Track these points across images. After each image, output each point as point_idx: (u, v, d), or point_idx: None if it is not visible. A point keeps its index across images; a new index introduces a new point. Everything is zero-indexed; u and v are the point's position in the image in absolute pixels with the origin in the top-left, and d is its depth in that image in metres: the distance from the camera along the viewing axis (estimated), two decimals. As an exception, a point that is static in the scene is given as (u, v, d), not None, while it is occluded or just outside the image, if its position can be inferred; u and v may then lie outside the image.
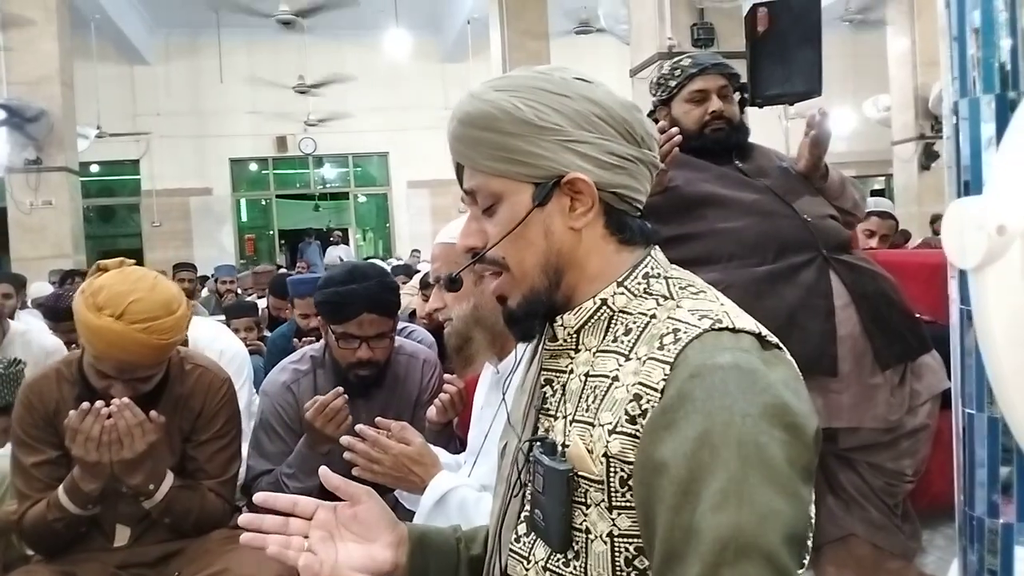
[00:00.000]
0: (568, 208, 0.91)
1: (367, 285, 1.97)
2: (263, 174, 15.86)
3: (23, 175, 8.28)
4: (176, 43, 14.49)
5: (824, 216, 2.17)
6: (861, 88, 13.15)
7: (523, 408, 0.99)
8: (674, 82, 2.29)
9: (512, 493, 0.97)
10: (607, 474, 0.83)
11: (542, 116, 0.89)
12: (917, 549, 2.24)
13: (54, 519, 1.74)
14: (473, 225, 0.96)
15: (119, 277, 1.70)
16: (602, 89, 0.93)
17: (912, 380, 2.07)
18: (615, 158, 0.90)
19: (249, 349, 3.50)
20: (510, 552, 0.94)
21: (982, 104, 1.44)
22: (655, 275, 0.92)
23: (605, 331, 0.91)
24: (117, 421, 1.66)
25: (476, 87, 0.95)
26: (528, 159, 0.89)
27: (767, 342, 0.85)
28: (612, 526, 0.83)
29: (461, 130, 0.93)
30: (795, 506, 0.75)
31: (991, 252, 0.57)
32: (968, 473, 1.64)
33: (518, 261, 0.92)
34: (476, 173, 0.94)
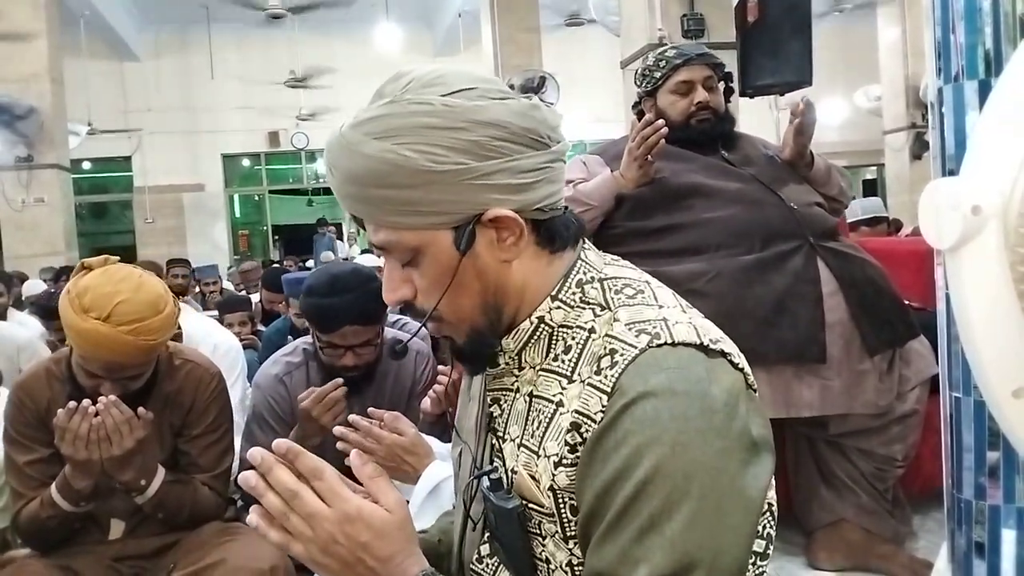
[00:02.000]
0: (496, 240, 0.84)
1: (349, 298, 1.93)
2: (256, 169, 15.83)
3: (14, 172, 8.24)
4: (166, 39, 14.42)
5: (810, 204, 2.18)
6: (852, 78, 13.16)
7: (473, 422, 0.98)
8: (659, 73, 2.30)
9: (466, 528, 0.96)
10: (556, 506, 0.82)
11: (438, 160, 0.78)
12: (907, 533, 2.27)
13: (48, 516, 1.75)
14: (396, 276, 0.88)
15: (103, 278, 1.68)
16: (491, 104, 0.81)
17: (901, 366, 2.08)
18: (529, 174, 0.82)
19: (243, 344, 3.51)
20: (472, 571, 0.94)
21: (966, 90, 1.45)
22: (588, 280, 0.87)
23: (547, 348, 0.87)
24: (104, 419, 1.65)
25: (347, 132, 0.82)
26: (437, 208, 0.81)
27: (710, 351, 0.80)
28: (570, 555, 0.83)
29: (348, 188, 0.83)
30: (725, 535, 0.73)
31: (966, 232, 0.58)
32: (956, 456, 1.65)
33: (454, 310, 0.86)
34: (382, 228, 0.84)
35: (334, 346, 2.01)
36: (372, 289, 1.97)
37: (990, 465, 1.55)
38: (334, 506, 0.79)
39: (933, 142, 1.53)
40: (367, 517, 0.79)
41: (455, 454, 1.05)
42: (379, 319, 2.04)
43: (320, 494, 0.80)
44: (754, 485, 0.76)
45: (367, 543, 0.79)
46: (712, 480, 0.73)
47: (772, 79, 5.30)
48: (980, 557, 1.59)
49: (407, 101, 0.80)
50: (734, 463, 0.75)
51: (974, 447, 1.65)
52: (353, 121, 0.83)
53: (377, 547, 0.79)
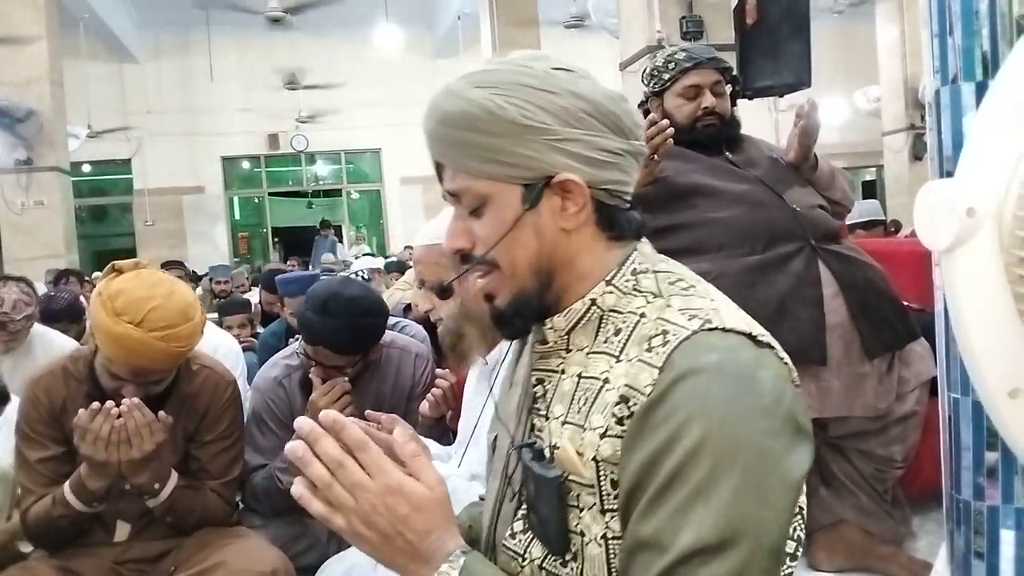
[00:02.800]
0: (559, 208, 0.88)
1: (331, 324, 1.94)
2: (255, 172, 15.81)
3: (14, 175, 8.24)
4: (166, 41, 14.41)
5: (813, 206, 2.18)
6: (851, 79, 13.17)
7: (514, 405, 0.99)
8: (668, 75, 2.29)
9: (507, 496, 0.96)
10: (598, 478, 0.83)
11: (527, 115, 0.85)
12: (907, 534, 2.27)
13: (59, 515, 1.75)
14: (459, 226, 0.93)
15: (137, 281, 1.69)
16: (587, 81, 0.89)
17: (900, 368, 2.09)
18: (604, 154, 0.88)
19: (242, 346, 3.51)
20: (504, 548, 0.94)
21: (963, 92, 1.45)
22: (643, 271, 0.90)
23: (596, 331, 0.89)
24: (127, 421, 1.66)
25: (453, 82, 0.90)
26: (515, 160, 0.86)
27: (759, 341, 0.83)
28: (606, 528, 0.83)
29: (441, 130, 0.89)
30: (766, 512, 0.74)
31: (961, 234, 0.58)
32: (954, 457, 1.65)
33: (509, 261, 0.89)
34: (459, 174, 0.90)
35: (308, 356, 2.04)
36: (360, 324, 1.98)
37: (988, 466, 1.55)
38: (377, 478, 0.80)
39: (931, 144, 1.53)
40: (408, 492, 0.80)
41: (490, 438, 1.07)
42: (356, 351, 2.03)
43: (364, 466, 0.80)
44: (797, 470, 0.78)
45: (406, 516, 0.80)
46: (758, 458, 0.75)
47: (771, 80, 5.30)
48: (979, 558, 1.59)
49: (514, 63, 0.89)
50: (780, 445, 0.76)
51: (972, 447, 1.65)
52: (462, 75, 0.90)
53: (416, 521, 0.80)
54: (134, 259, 1.79)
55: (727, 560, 0.71)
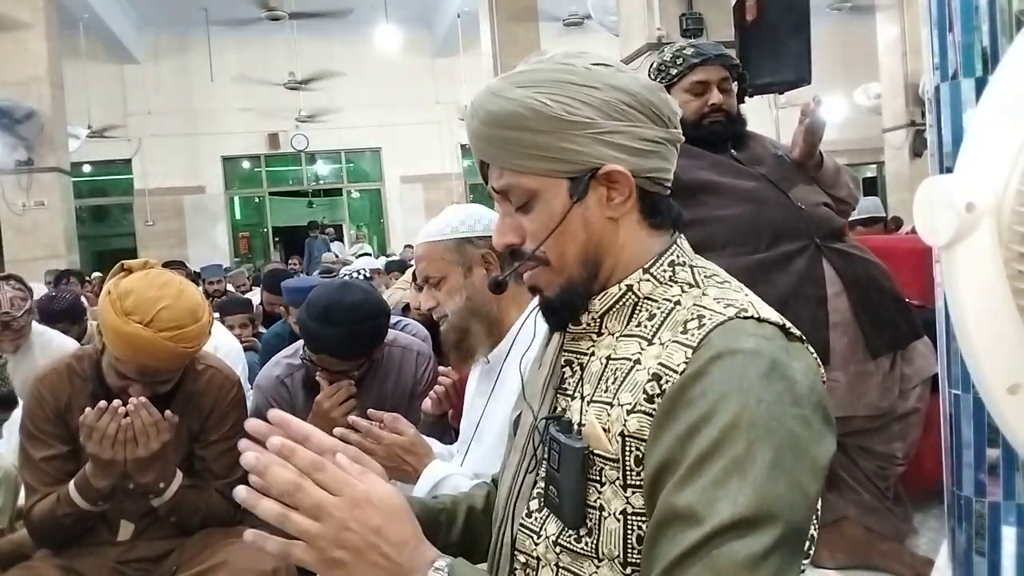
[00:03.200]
0: (605, 198, 0.91)
1: (333, 332, 1.93)
2: (256, 171, 15.83)
3: (14, 176, 8.26)
4: (165, 41, 14.43)
5: (818, 204, 2.18)
6: (851, 76, 13.17)
7: (540, 384, 1.01)
8: (675, 70, 2.28)
9: (527, 469, 0.97)
10: (623, 453, 0.84)
11: (571, 111, 0.88)
12: (909, 531, 2.27)
13: (63, 514, 1.75)
14: (508, 222, 0.95)
15: (146, 281, 1.69)
16: (626, 74, 0.92)
17: (902, 365, 2.09)
18: (647, 143, 0.90)
19: (244, 345, 3.52)
20: (520, 526, 0.95)
21: (963, 88, 1.45)
22: (680, 263, 0.93)
23: (629, 317, 0.91)
24: (133, 420, 1.66)
25: (495, 83, 0.93)
26: (561, 155, 0.89)
27: (791, 334, 0.86)
28: (626, 504, 0.84)
29: (486, 130, 0.92)
30: (797, 495, 0.75)
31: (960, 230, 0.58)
32: (955, 453, 1.65)
33: (559, 255, 0.92)
34: (506, 172, 0.93)
35: (313, 362, 2.04)
36: (363, 329, 1.97)
37: (990, 462, 1.55)
38: (342, 493, 0.77)
39: (931, 140, 1.54)
40: (377, 500, 0.78)
41: (513, 416, 1.08)
42: (360, 356, 2.03)
43: (324, 485, 0.77)
44: (825, 456, 0.79)
45: (380, 527, 0.77)
46: (790, 442, 0.76)
47: (771, 78, 5.30)
48: (980, 555, 1.59)
49: (553, 62, 0.92)
50: (810, 432, 0.78)
51: (974, 444, 1.65)
52: (503, 76, 0.93)
53: (391, 530, 0.77)
54: (143, 259, 1.79)
55: (762, 536, 0.72)
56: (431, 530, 1.02)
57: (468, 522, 1.12)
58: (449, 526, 1.11)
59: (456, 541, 1.10)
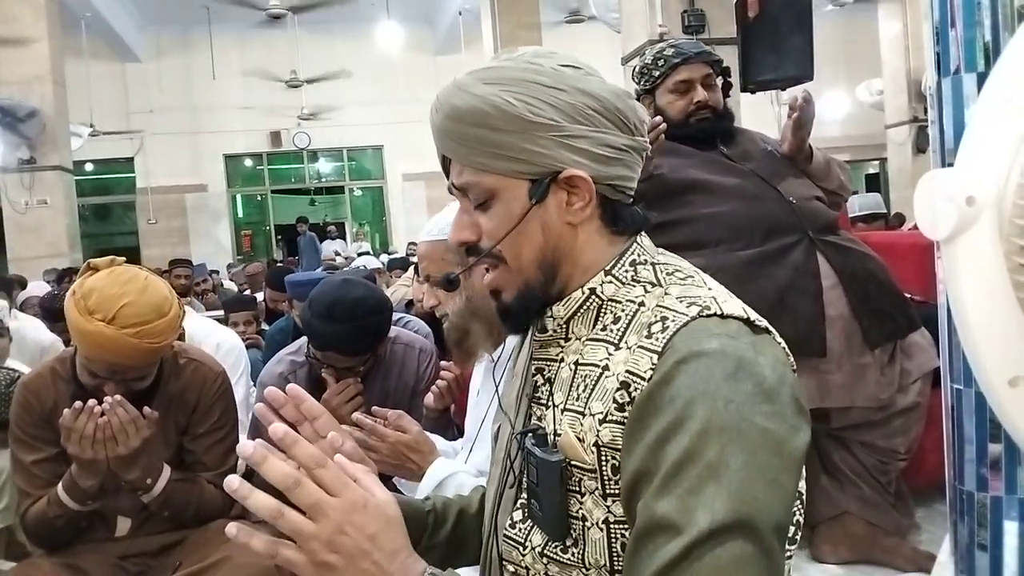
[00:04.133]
0: (565, 203, 0.89)
1: (339, 329, 1.95)
2: (258, 169, 15.83)
3: (17, 175, 8.27)
4: (167, 40, 14.43)
5: (810, 198, 2.18)
6: (854, 72, 13.15)
7: (515, 394, 1.00)
8: (658, 72, 2.29)
9: (506, 483, 0.97)
10: (599, 463, 0.84)
11: (536, 112, 0.86)
12: (911, 526, 2.27)
13: (55, 516, 1.75)
14: (465, 219, 0.94)
15: (110, 279, 1.68)
16: (595, 79, 0.90)
17: (902, 359, 2.09)
18: (610, 150, 0.89)
19: (248, 343, 3.52)
20: (505, 538, 0.95)
21: (965, 83, 1.45)
22: (642, 262, 0.92)
23: (595, 320, 0.90)
24: (110, 418, 1.66)
25: (461, 77, 0.91)
26: (523, 156, 0.87)
27: (756, 326, 0.84)
28: (607, 513, 0.84)
29: (449, 124, 0.90)
30: (775, 493, 0.75)
31: (961, 223, 0.58)
32: (957, 448, 1.66)
33: (515, 255, 0.91)
34: (467, 169, 0.91)
35: (318, 360, 2.05)
36: (366, 325, 1.98)
37: (992, 457, 1.55)
38: (341, 495, 0.75)
39: (932, 136, 1.53)
40: (374, 508, 0.76)
41: (494, 429, 1.08)
42: (366, 351, 2.04)
43: (323, 483, 0.75)
44: (800, 450, 0.79)
45: (376, 534, 0.75)
46: (763, 440, 0.75)
47: (773, 74, 5.29)
48: (982, 549, 1.59)
49: (522, 60, 0.90)
50: (784, 427, 0.77)
51: (976, 439, 1.65)
52: (470, 71, 0.91)
53: (385, 539, 0.76)
54: (110, 257, 1.77)
55: (743, 541, 0.72)
56: (415, 531, 1.02)
57: (458, 524, 1.12)
58: (437, 527, 1.11)
59: (444, 541, 1.10)
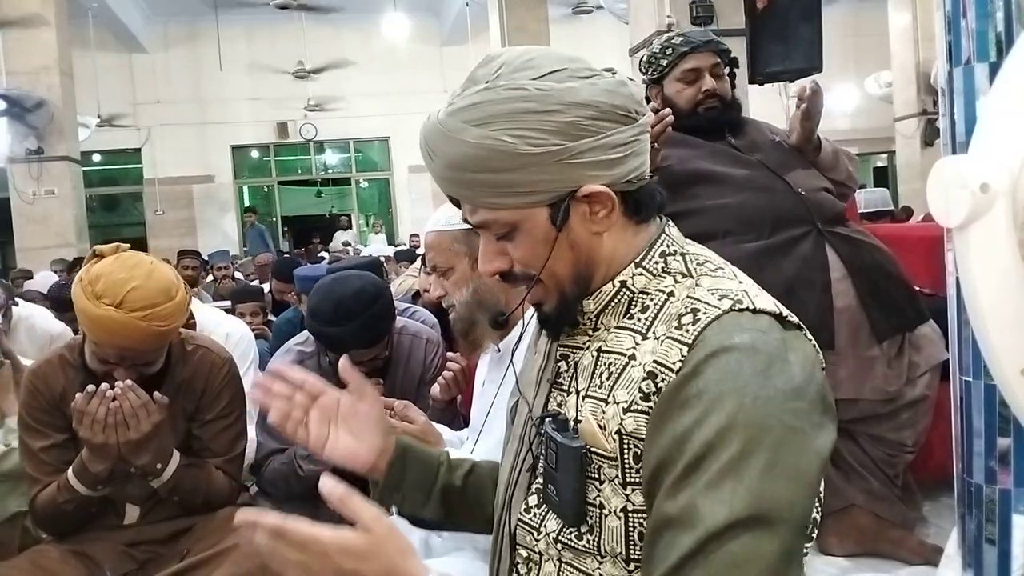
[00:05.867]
0: (588, 214, 0.88)
1: (351, 326, 1.95)
2: (265, 161, 15.84)
3: (25, 165, 8.29)
4: (174, 31, 14.42)
5: (818, 189, 2.17)
6: (862, 65, 13.08)
7: (535, 374, 1.00)
8: (665, 61, 2.28)
9: (522, 467, 0.97)
10: (621, 451, 0.84)
11: (536, 143, 0.82)
12: (918, 519, 2.27)
13: (64, 501, 1.77)
14: (492, 249, 0.92)
15: (116, 264, 1.69)
16: (580, 84, 0.84)
17: (911, 352, 2.08)
18: (620, 149, 0.86)
19: (255, 333, 3.52)
20: (520, 522, 0.95)
21: (976, 73, 1.44)
22: (671, 252, 0.91)
23: (625, 312, 0.90)
24: (122, 403, 1.67)
25: (445, 119, 0.86)
26: (534, 188, 0.85)
27: (788, 322, 0.84)
28: (626, 501, 0.84)
29: (449, 173, 0.88)
30: (797, 491, 0.75)
31: (974, 210, 0.58)
32: (966, 441, 1.65)
33: (550, 275, 0.90)
34: (480, 209, 0.89)
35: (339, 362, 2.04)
36: (375, 312, 1.99)
37: (1000, 450, 1.54)
38: (307, 550, 0.79)
39: (943, 128, 1.52)
40: (341, 547, 0.79)
41: (510, 405, 1.08)
42: (383, 338, 2.06)
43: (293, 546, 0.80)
44: (825, 449, 0.79)
45: (355, 570, 0.79)
46: (789, 437, 0.75)
47: (782, 66, 5.26)
48: (990, 543, 1.59)
49: (501, 87, 0.84)
50: (809, 425, 0.77)
51: (984, 432, 1.65)
52: (449, 108, 0.86)
53: (366, 570, 0.79)
54: (115, 243, 1.78)
55: (758, 536, 0.72)
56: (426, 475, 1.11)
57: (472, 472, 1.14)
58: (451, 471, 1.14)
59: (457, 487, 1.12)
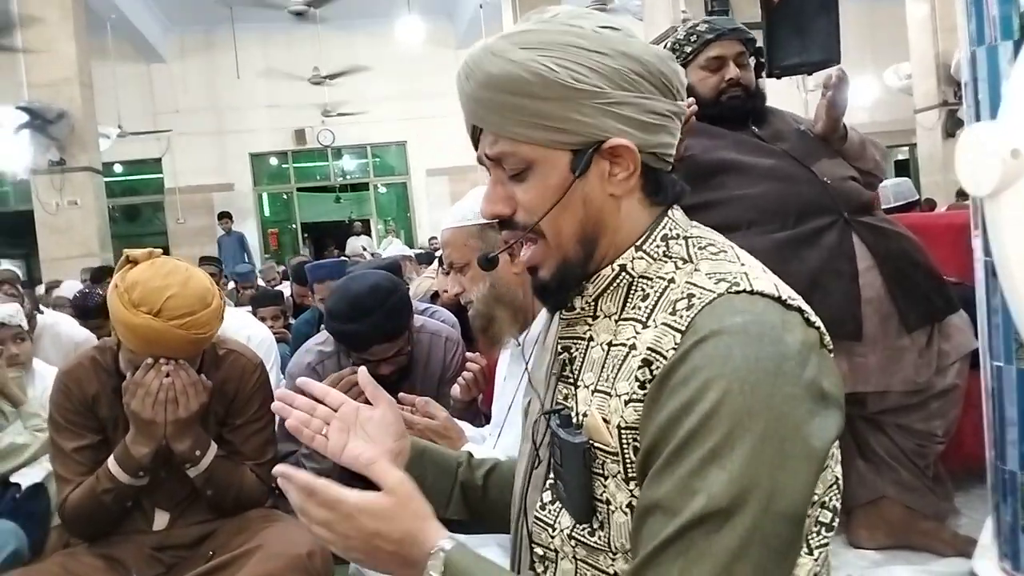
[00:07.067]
0: (608, 173, 0.85)
1: (371, 321, 1.96)
2: (283, 168, 15.91)
3: (47, 176, 8.37)
4: (192, 40, 14.54)
5: (844, 178, 2.14)
6: (881, 57, 12.93)
7: (544, 370, 0.99)
8: (690, 48, 2.26)
9: (533, 464, 0.96)
10: (621, 445, 0.82)
11: (579, 78, 0.81)
12: (950, 510, 2.23)
13: (103, 490, 1.77)
14: (499, 190, 0.89)
15: (152, 271, 1.70)
16: (637, 41, 0.85)
17: (940, 341, 2.04)
18: (655, 116, 0.85)
19: (275, 337, 3.54)
20: (535, 519, 0.93)
21: (1000, 52, 1.41)
22: (674, 236, 0.88)
23: (625, 298, 0.87)
24: (174, 379, 1.72)
25: (494, 42, 0.85)
26: (565, 125, 0.83)
27: (788, 304, 0.80)
28: (631, 497, 0.82)
29: (483, 93, 0.85)
30: (784, 480, 0.72)
31: (1005, 177, 0.56)
32: (999, 428, 1.62)
33: (555, 231, 0.87)
34: (502, 139, 0.86)
35: (367, 360, 2.04)
36: (392, 305, 2.00)
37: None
38: (334, 510, 0.84)
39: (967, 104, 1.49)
40: (365, 509, 0.83)
41: (525, 403, 1.07)
42: (404, 329, 2.06)
43: (321, 505, 0.85)
44: (819, 436, 0.76)
45: (376, 531, 0.83)
46: (777, 422, 0.73)
47: (799, 58, 5.18)
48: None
49: (559, 23, 0.84)
50: (801, 411, 0.74)
51: (1018, 419, 1.61)
52: (502, 35, 0.86)
53: (387, 531, 0.83)
54: (147, 249, 1.79)
55: (736, 524, 0.71)
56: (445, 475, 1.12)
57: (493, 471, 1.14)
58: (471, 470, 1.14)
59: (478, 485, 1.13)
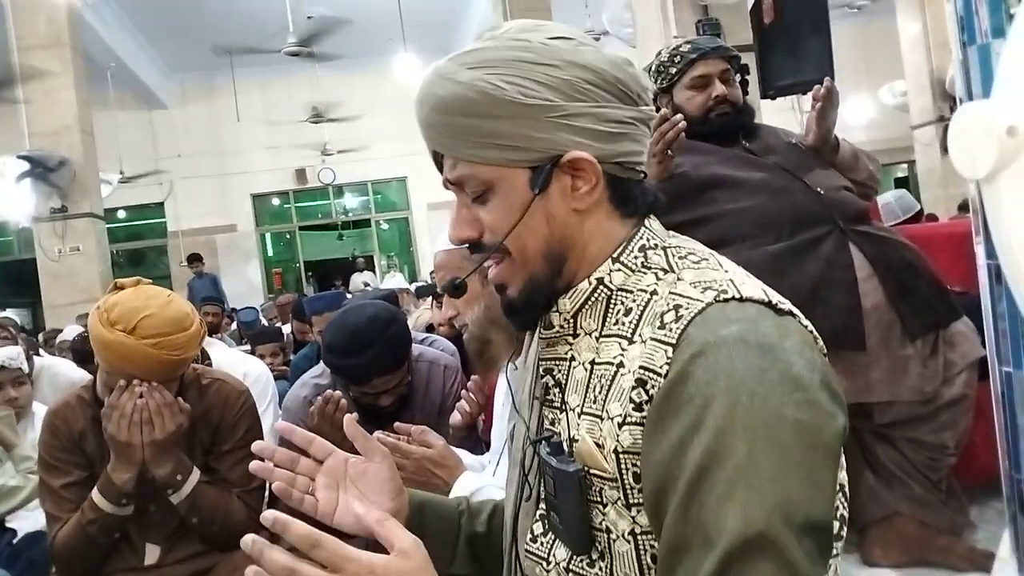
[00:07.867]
0: (570, 188, 0.83)
1: (371, 353, 1.94)
2: (285, 207, 16.02)
3: (50, 223, 8.40)
4: (192, 86, 14.71)
5: (838, 188, 2.13)
6: (875, 76, 13.01)
7: (526, 393, 0.95)
8: (674, 69, 2.26)
9: (523, 497, 0.92)
10: (619, 470, 0.78)
11: (528, 93, 0.79)
12: (965, 524, 2.17)
13: (88, 521, 1.76)
14: (464, 214, 0.87)
15: (133, 294, 1.73)
16: (589, 49, 0.83)
17: (945, 349, 2.01)
18: (614, 125, 0.82)
19: (275, 374, 3.52)
20: (527, 554, 0.89)
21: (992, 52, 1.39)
22: (651, 246, 0.85)
23: (604, 313, 0.84)
24: (148, 400, 1.71)
25: (443, 64, 0.84)
26: (519, 143, 0.81)
27: (778, 309, 0.78)
28: (633, 524, 0.78)
29: (435, 117, 0.83)
30: (811, 489, 0.69)
31: (1002, 157, 0.53)
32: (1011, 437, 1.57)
33: (519, 248, 0.84)
34: (460, 162, 0.85)
35: (367, 394, 2.02)
36: (392, 336, 1.98)
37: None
38: (345, 568, 0.73)
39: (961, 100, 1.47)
40: (382, 571, 0.74)
41: (510, 427, 1.04)
42: (404, 360, 2.04)
43: (323, 563, 0.73)
44: (837, 439, 0.73)
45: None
46: (795, 432, 0.69)
47: (793, 79, 5.21)
48: (1045, 542, 1.50)
49: (506, 38, 0.83)
50: (818, 415, 0.71)
51: (1030, 425, 1.57)
52: (451, 56, 0.84)
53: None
54: (136, 278, 1.82)
55: (783, 547, 0.66)
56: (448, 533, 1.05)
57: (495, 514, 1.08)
58: (473, 517, 1.08)
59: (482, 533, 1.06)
